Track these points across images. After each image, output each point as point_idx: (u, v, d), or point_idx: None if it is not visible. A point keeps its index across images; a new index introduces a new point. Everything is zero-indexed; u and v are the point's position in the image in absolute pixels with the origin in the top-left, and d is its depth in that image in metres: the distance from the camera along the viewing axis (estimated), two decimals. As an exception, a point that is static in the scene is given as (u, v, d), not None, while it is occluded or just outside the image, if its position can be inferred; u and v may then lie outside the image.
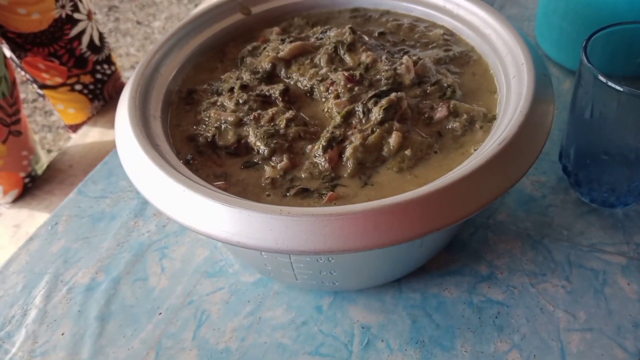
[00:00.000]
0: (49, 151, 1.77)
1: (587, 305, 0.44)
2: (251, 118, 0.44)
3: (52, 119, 1.86)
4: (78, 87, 1.09)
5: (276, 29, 0.53)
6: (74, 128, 1.15)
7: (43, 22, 0.97)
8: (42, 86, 1.09)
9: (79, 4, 1.02)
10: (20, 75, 1.10)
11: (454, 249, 0.48)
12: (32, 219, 0.92)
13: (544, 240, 0.48)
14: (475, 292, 0.45)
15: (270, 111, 0.44)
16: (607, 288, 0.44)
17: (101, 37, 1.10)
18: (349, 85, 0.44)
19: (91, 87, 1.10)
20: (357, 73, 0.45)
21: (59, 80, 1.07)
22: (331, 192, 0.39)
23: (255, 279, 0.48)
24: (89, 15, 1.05)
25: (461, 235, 0.49)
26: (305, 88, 0.47)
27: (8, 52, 1.01)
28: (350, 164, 0.40)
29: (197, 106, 0.47)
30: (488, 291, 0.45)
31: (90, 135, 1.07)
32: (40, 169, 1.03)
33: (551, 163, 0.54)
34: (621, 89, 0.40)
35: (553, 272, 0.46)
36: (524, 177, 0.52)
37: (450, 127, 0.42)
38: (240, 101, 0.45)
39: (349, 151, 0.40)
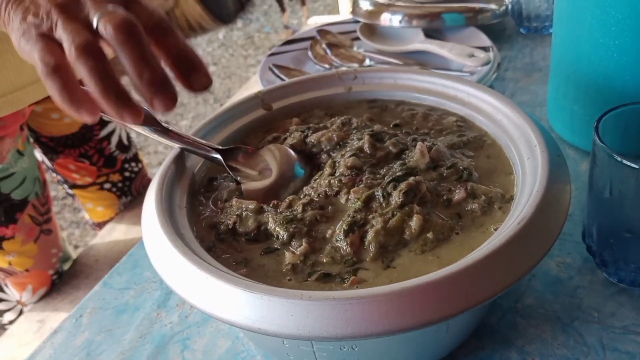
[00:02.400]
0: (76, 247, 1.80)
1: (627, 392, 0.41)
2: (270, 205, 0.45)
3: (81, 215, 1.91)
4: (107, 185, 1.12)
5: (295, 120, 0.55)
6: (101, 226, 1.17)
7: (74, 125, 1.02)
8: (73, 186, 1.12)
9: None
10: (51, 176, 1.14)
11: (482, 335, 0.47)
12: (56, 314, 0.92)
13: (575, 323, 0.46)
14: (507, 380, 0.43)
15: (288, 198, 0.45)
16: (648, 373, 0.42)
17: (129, 136, 1.15)
18: (358, 181, 0.45)
19: (119, 184, 1.14)
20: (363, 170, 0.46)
21: (88, 179, 1.10)
22: (353, 277, 0.39)
23: (278, 370, 0.47)
24: None
25: (489, 320, 0.48)
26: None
27: (40, 156, 1.06)
28: (372, 248, 0.40)
29: (217, 193, 0.48)
30: (521, 379, 0.43)
31: (117, 229, 1.10)
32: (67, 265, 1.05)
33: (575, 244, 0.53)
34: (637, 167, 0.40)
35: (586, 356, 0.44)
36: (549, 259, 0.52)
37: (469, 208, 0.43)
38: None
39: (370, 235, 0.41)
